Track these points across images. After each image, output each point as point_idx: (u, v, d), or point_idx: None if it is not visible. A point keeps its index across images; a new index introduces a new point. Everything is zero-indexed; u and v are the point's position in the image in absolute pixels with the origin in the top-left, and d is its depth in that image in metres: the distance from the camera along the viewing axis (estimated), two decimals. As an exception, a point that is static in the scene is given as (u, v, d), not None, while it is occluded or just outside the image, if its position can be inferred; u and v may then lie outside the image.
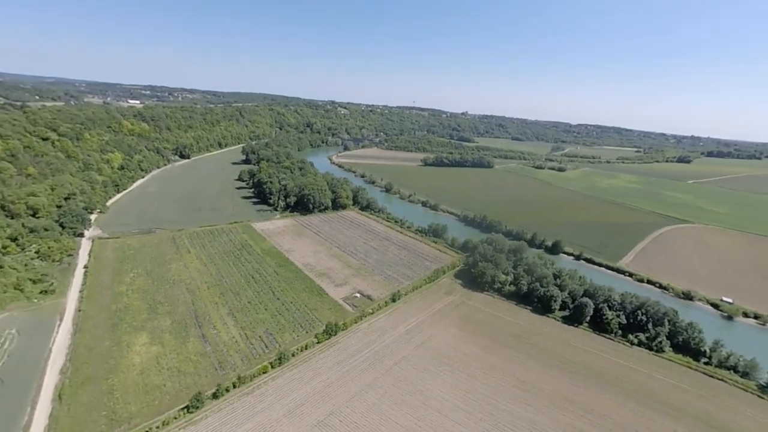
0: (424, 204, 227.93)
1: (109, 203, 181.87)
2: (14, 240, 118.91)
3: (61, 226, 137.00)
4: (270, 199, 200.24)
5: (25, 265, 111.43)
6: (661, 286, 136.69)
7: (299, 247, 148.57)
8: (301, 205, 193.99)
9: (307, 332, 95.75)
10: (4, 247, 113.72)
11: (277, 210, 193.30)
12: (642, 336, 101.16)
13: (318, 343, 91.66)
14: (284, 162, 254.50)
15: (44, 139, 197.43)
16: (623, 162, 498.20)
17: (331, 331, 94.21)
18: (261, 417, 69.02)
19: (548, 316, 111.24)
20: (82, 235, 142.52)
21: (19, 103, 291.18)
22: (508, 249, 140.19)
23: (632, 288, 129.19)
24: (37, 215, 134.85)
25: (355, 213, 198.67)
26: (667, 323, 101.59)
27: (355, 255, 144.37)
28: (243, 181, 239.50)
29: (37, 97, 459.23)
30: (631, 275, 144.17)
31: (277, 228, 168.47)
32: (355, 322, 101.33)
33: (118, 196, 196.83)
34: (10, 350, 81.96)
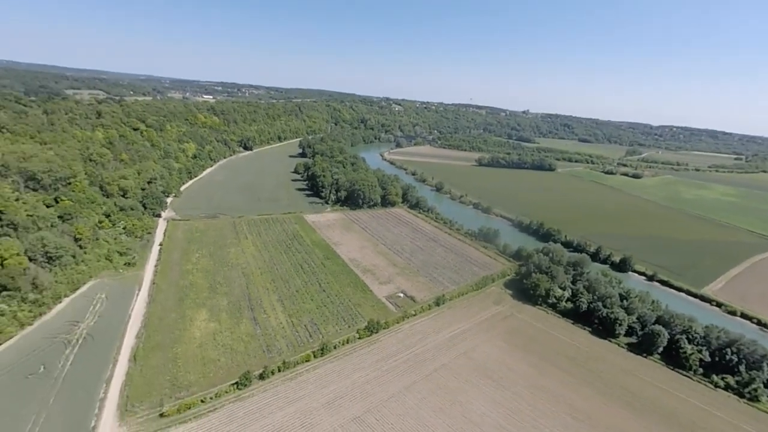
0: (475, 206, 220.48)
1: (182, 188, 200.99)
2: (108, 216, 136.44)
3: (144, 206, 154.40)
4: (322, 192, 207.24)
5: (115, 239, 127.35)
6: (759, 323, 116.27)
7: (347, 241, 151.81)
8: (351, 200, 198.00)
9: (349, 326, 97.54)
10: (100, 222, 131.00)
11: (328, 203, 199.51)
12: (731, 379, 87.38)
13: (359, 338, 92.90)
14: (337, 157, 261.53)
15: (135, 129, 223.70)
16: (717, 170, 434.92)
17: (372, 329, 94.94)
18: (301, 403, 71.67)
19: (610, 341, 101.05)
20: (159, 215, 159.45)
21: (117, 98, 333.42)
22: (567, 261, 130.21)
23: (720, 321, 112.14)
24: (126, 196, 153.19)
25: (403, 211, 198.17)
26: (765, 367, 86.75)
27: (401, 254, 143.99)
28: (298, 173, 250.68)
29: (131, 93, 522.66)
30: (719, 305, 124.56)
31: (327, 221, 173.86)
32: (397, 323, 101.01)
33: (190, 182, 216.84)
34: (100, 312, 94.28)
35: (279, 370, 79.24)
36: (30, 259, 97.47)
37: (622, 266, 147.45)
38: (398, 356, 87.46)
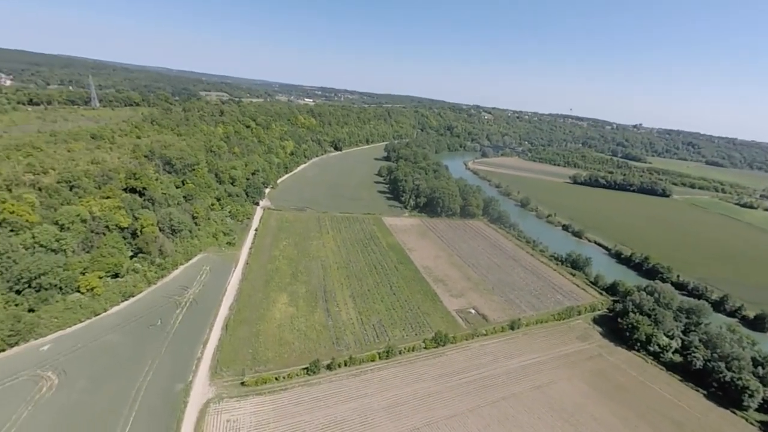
0: (565, 228, 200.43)
1: (279, 181, 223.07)
2: (218, 200, 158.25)
3: (247, 194, 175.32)
4: (402, 196, 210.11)
5: (222, 220, 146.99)
6: None
7: (421, 248, 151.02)
8: (430, 207, 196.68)
9: (416, 334, 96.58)
10: (212, 205, 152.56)
11: (406, 208, 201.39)
12: None
13: (425, 348, 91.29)
14: (420, 162, 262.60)
15: (247, 127, 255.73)
16: None
17: (439, 341, 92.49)
18: (362, 401, 73.06)
19: (734, 413, 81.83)
20: (257, 204, 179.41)
21: (237, 99, 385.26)
22: (679, 307, 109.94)
23: None
24: (234, 184, 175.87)
25: (482, 224, 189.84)
26: None
27: (476, 268, 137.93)
28: (381, 176, 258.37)
29: (248, 95, 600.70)
30: None
31: (404, 225, 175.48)
32: (466, 339, 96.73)
33: (286, 176, 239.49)
34: (204, 281, 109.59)
35: (345, 365, 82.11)
36: (160, 230, 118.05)
37: (758, 324, 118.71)
38: (464, 375, 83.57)
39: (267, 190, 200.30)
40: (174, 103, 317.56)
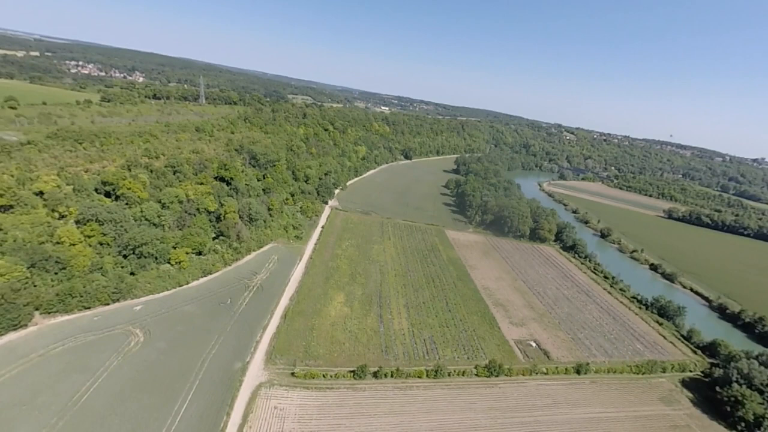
0: (654, 267, 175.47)
1: (348, 183, 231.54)
2: (292, 195, 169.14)
3: (318, 193, 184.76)
4: (468, 211, 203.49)
5: (293, 215, 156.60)
6: None
7: (483, 266, 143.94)
8: (496, 225, 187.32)
9: (468, 358, 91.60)
10: (286, 199, 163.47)
11: (471, 223, 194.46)
12: None
13: (476, 375, 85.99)
14: (491, 179, 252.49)
15: (325, 130, 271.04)
16: None
17: (493, 370, 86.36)
18: (406, 418, 70.89)
19: None
20: (326, 203, 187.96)
21: (319, 104, 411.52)
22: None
23: None
24: (307, 182, 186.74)
25: (554, 250, 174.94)
26: None
27: (541, 297, 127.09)
28: (448, 189, 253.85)
29: (329, 100, 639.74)
30: None
31: (467, 240, 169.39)
32: (523, 374, 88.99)
33: (355, 179, 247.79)
34: (272, 270, 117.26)
35: (392, 375, 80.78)
36: (239, 217, 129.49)
37: None
38: (517, 414, 76.66)
39: (336, 191, 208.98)
40: (265, 104, 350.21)
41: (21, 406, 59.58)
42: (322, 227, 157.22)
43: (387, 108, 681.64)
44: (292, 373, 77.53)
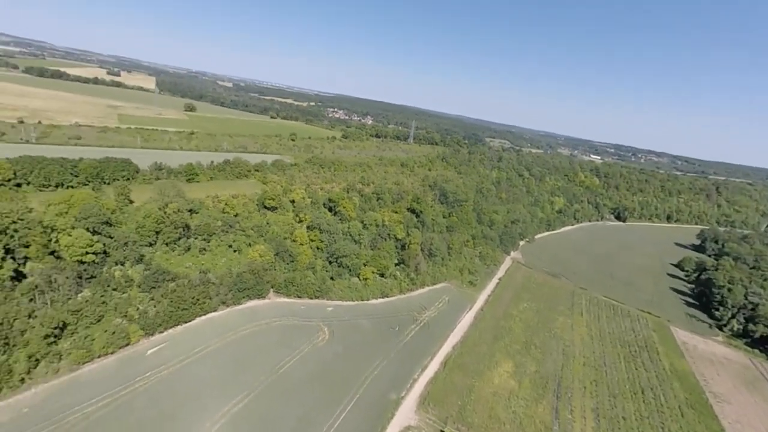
0: None
1: (536, 236, 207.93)
2: (473, 238, 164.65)
3: (500, 240, 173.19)
4: (717, 310, 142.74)
5: (470, 258, 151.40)
6: None
7: (742, 403, 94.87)
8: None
9: None
10: (466, 241, 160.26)
11: (721, 329, 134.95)
12: None
13: None
14: (765, 271, 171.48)
15: (519, 176, 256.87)
16: None
17: None
18: None
19: None
20: (508, 253, 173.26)
21: (517, 148, 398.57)
22: None
23: None
24: (491, 227, 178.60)
25: None
26: None
27: None
28: (682, 270, 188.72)
29: (528, 145, 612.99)
30: None
31: (710, 352, 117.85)
32: None
33: (546, 233, 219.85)
34: (440, 309, 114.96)
35: (563, 501, 60.89)
36: (421, 249, 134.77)
37: None
38: None
39: (522, 243, 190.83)
40: (463, 146, 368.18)
41: (244, 359, 77.69)
42: (499, 279, 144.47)
43: (599, 157, 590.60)
44: (441, 430, 70.19)
